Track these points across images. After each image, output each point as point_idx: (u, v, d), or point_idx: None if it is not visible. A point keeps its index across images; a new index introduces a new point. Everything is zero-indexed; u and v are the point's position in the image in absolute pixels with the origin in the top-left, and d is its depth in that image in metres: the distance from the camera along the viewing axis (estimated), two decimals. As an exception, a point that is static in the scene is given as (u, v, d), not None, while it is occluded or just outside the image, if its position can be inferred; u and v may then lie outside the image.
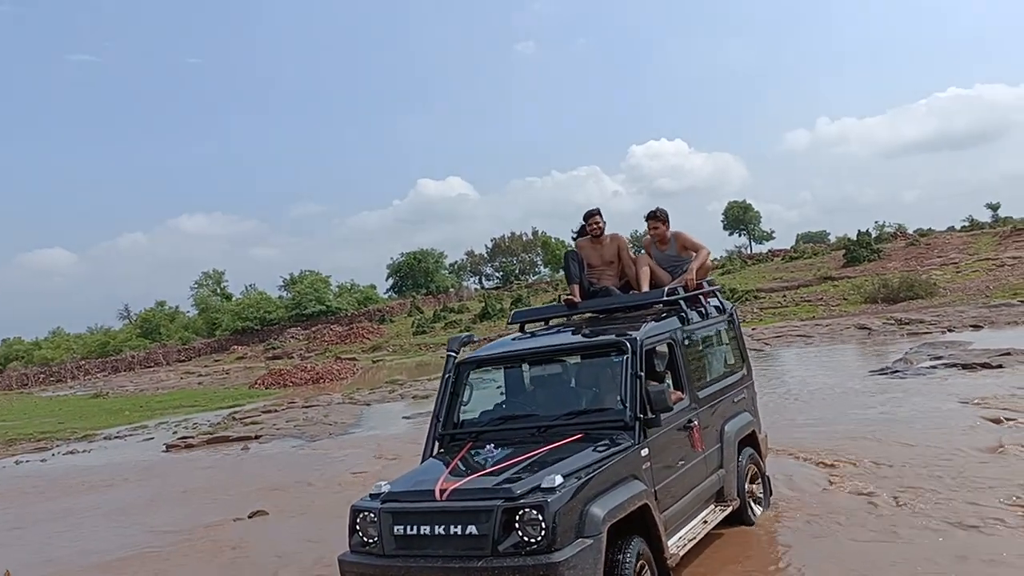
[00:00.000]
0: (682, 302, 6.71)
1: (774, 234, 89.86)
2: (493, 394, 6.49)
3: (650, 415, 5.51)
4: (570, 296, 7.10)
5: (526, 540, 4.60)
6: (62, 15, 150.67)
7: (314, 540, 8.08)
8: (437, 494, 4.94)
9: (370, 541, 5.10)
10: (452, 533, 4.77)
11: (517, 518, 4.63)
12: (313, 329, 61.45)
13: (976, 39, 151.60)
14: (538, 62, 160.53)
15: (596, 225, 7.28)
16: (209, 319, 76.21)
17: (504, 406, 6.33)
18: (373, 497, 5.25)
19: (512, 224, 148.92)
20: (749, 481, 7.01)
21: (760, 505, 7.20)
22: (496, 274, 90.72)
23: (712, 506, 6.51)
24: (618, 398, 5.62)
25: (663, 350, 6.19)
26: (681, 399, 6.13)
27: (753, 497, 7.08)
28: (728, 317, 7.62)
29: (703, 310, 7.10)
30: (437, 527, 4.83)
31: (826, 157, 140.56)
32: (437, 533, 4.82)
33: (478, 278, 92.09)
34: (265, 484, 11.74)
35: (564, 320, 7.27)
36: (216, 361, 57.68)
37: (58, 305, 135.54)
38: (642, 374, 5.63)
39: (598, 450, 5.22)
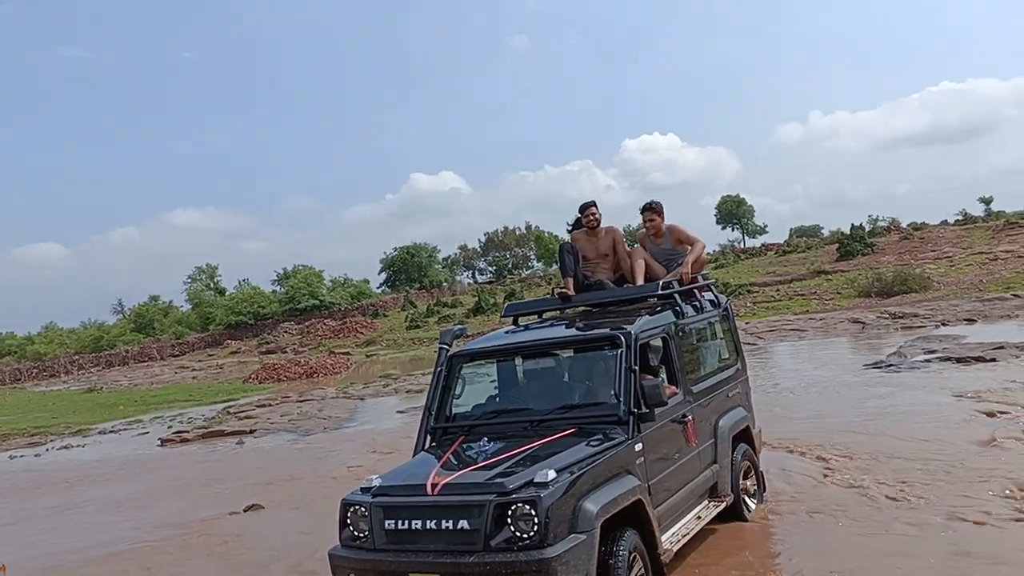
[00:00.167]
0: (677, 296, 6.67)
1: (767, 228, 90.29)
2: (486, 388, 6.44)
3: (644, 410, 5.47)
4: (564, 289, 7.06)
5: (518, 535, 4.55)
6: (55, 10, 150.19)
7: (309, 533, 8.08)
8: (429, 488, 4.90)
9: (361, 535, 5.06)
10: (444, 528, 4.73)
11: (509, 513, 4.59)
12: (306, 324, 61.29)
13: (968, 33, 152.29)
14: (531, 56, 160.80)
15: (592, 217, 7.23)
16: (202, 314, 76.09)
17: (497, 400, 6.28)
18: (364, 491, 5.20)
19: (505, 218, 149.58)
20: (743, 477, 6.97)
21: (754, 500, 7.17)
22: (489, 268, 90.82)
23: (706, 502, 6.46)
24: (612, 392, 5.57)
25: (657, 344, 6.14)
26: (675, 394, 6.08)
27: (747, 493, 7.04)
28: (723, 311, 7.59)
29: (698, 304, 7.06)
30: (429, 521, 4.78)
31: (819, 151, 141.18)
32: (428, 528, 4.77)
33: (471, 272, 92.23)
34: (260, 478, 11.74)
35: (558, 313, 7.22)
36: (210, 356, 57.47)
37: (51, 300, 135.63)
38: (636, 368, 5.58)
39: (591, 444, 5.18)
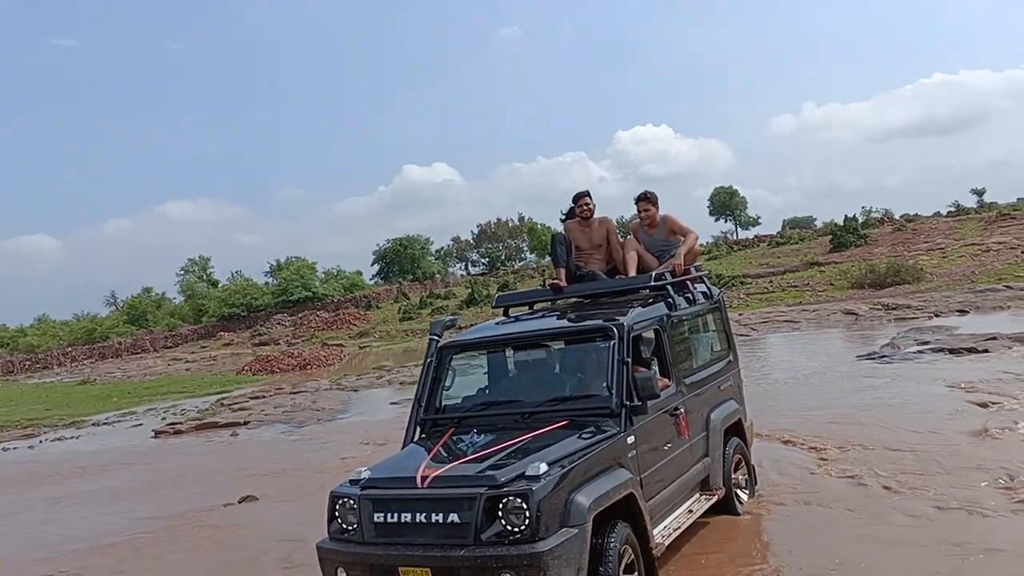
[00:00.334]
0: (669, 287, 6.62)
1: (760, 220, 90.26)
2: (476, 379, 6.39)
3: (636, 402, 5.42)
4: (556, 280, 7.02)
5: (509, 529, 4.50)
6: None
7: (303, 524, 8.04)
8: (418, 481, 4.84)
9: (349, 528, 5.01)
10: (434, 521, 4.67)
11: (500, 506, 4.53)
12: (299, 315, 61.24)
13: (961, 25, 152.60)
14: (524, 48, 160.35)
15: (586, 206, 7.16)
16: (195, 305, 75.92)
17: (487, 391, 6.23)
18: (353, 483, 5.15)
19: (498, 210, 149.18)
20: (734, 469, 6.94)
21: (746, 493, 7.15)
22: (482, 260, 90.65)
23: (697, 495, 6.43)
24: (604, 384, 5.52)
25: (650, 336, 6.10)
26: (667, 386, 6.04)
27: (738, 486, 7.02)
28: (715, 303, 7.56)
29: (690, 296, 7.02)
30: (418, 515, 4.73)
31: (812, 142, 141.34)
32: (418, 521, 4.72)
33: (464, 264, 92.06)
34: (254, 470, 11.75)
35: (549, 304, 7.17)
36: (203, 347, 57.35)
37: (43, 292, 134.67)
38: (629, 360, 5.53)
39: (583, 437, 5.13)
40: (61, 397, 30.59)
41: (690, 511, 6.16)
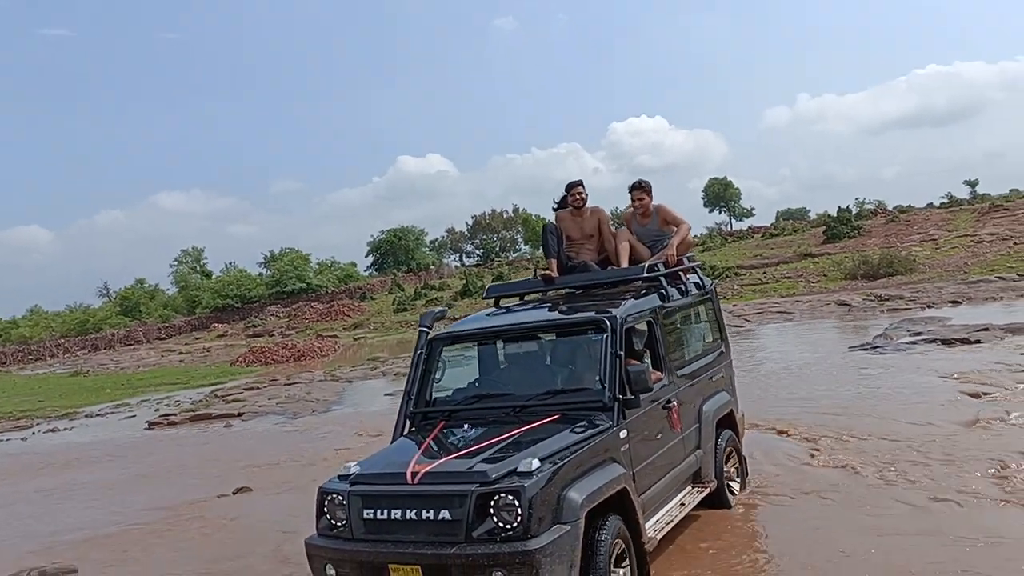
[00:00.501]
0: (662, 279, 6.55)
1: (754, 211, 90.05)
2: (467, 372, 6.30)
3: (629, 396, 5.35)
4: (547, 271, 6.95)
5: (501, 526, 4.43)
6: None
7: (297, 516, 7.99)
8: (409, 477, 4.76)
9: (338, 524, 4.93)
10: (424, 518, 4.59)
11: (492, 503, 4.46)
12: (294, 307, 61.03)
13: (955, 16, 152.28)
14: (518, 38, 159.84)
15: (579, 196, 7.08)
16: (189, 297, 75.61)
17: (478, 384, 6.15)
18: (341, 479, 5.07)
19: (492, 201, 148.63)
20: (726, 461, 6.91)
21: (737, 485, 7.13)
22: (477, 251, 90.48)
23: (689, 487, 6.37)
24: (596, 378, 5.44)
25: (643, 328, 6.01)
26: (660, 379, 5.98)
27: (730, 478, 6.99)
28: (707, 294, 7.52)
29: (683, 287, 6.97)
30: (408, 511, 4.64)
31: (806, 134, 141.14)
32: (408, 518, 4.63)
33: (459, 255, 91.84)
34: (248, 461, 11.73)
35: (540, 296, 7.11)
36: (197, 339, 57.23)
37: (36, 283, 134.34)
38: (622, 353, 5.45)
39: (575, 432, 5.06)
40: (54, 388, 30.50)
41: (682, 504, 6.10)
